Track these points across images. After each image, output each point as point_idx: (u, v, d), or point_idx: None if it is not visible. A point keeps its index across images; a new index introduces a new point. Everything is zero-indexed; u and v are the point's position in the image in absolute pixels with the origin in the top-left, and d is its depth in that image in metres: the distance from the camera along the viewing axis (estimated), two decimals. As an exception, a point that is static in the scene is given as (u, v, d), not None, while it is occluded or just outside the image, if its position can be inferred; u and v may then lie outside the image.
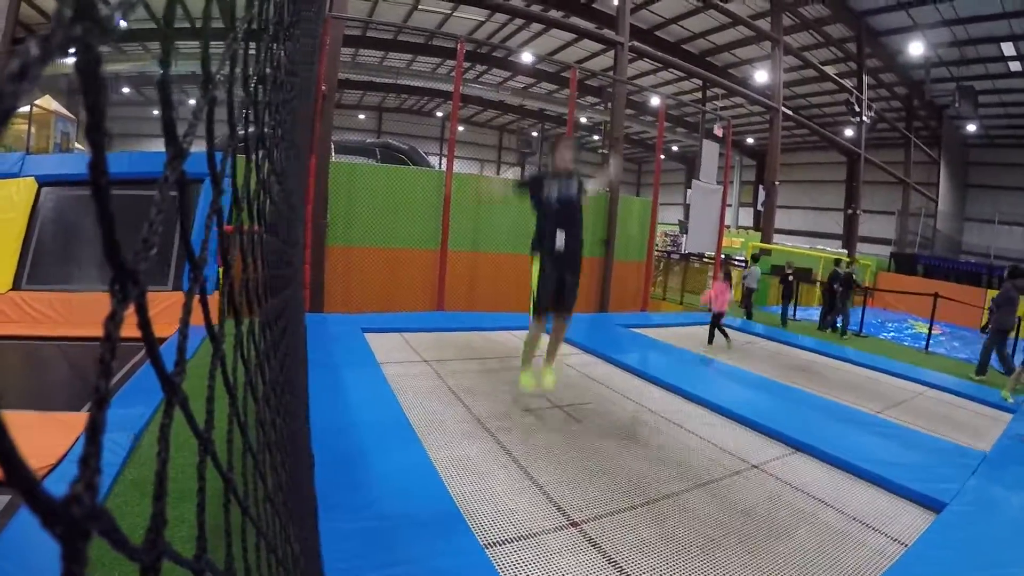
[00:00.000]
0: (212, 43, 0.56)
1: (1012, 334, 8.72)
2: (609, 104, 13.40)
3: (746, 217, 30.41)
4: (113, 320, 0.34)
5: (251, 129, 0.91)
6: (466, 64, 18.95)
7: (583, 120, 24.22)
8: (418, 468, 3.30)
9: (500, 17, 19.19)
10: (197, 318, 0.58)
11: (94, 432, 0.32)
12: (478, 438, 3.98)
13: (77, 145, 12.68)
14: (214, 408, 0.64)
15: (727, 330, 8.40)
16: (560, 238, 4.14)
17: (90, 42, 0.27)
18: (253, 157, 0.99)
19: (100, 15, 0.27)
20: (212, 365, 0.65)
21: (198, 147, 0.50)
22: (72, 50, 0.26)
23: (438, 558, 2.44)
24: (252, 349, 0.93)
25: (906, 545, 3.02)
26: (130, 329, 0.36)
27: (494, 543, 2.71)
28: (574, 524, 2.95)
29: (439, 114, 34.33)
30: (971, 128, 21.96)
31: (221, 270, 0.71)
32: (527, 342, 4.44)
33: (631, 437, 4.25)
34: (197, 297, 0.57)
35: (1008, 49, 16.55)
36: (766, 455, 4.16)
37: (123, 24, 0.30)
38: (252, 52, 0.88)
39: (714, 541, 2.90)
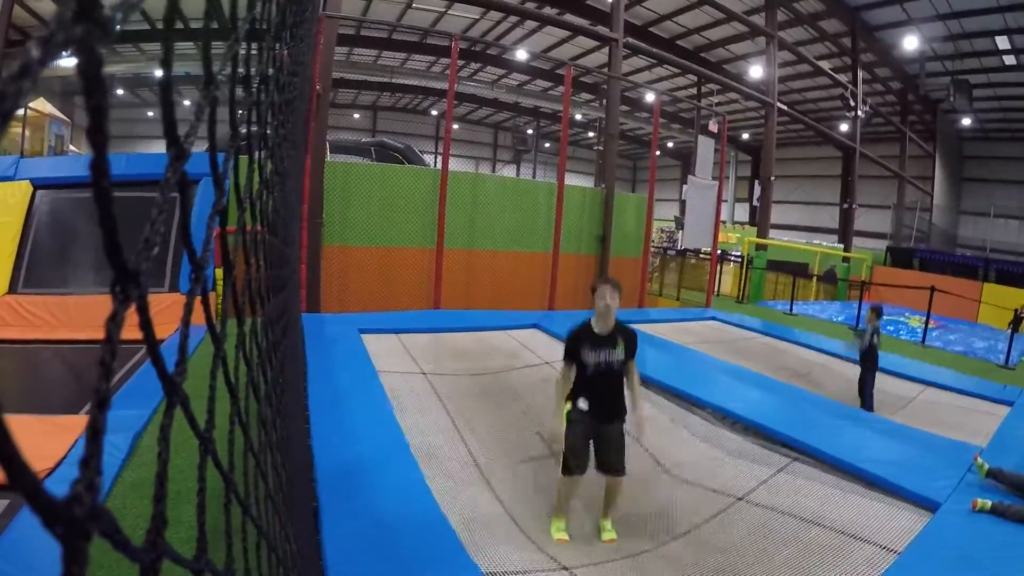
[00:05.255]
0: (212, 43, 0.56)
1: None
2: (604, 101, 13.40)
3: (742, 212, 30.42)
4: (114, 321, 0.34)
5: (253, 129, 0.90)
6: (460, 62, 18.91)
7: (578, 117, 24.21)
8: (413, 491, 3.24)
9: (494, 15, 19.14)
10: (197, 318, 0.57)
11: (95, 433, 0.32)
12: (470, 468, 3.95)
13: (72, 148, 12.63)
14: (215, 408, 0.64)
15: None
16: (586, 405, 3.57)
17: (92, 44, 0.27)
18: (255, 157, 0.98)
19: (101, 17, 0.27)
20: (213, 365, 0.65)
21: (197, 148, 0.50)
22: (72, 52, 0.26)
23: None
24: (255, 348, 0.93)
25: (896, 552, 3.03)
26: (129, 331, 0.36)
27: (490, 573, 2.71)
28: (565, 568, 2.95)
29: (434, 112, 34.28)
30: (966, 122, 22.01)
31: (219, 271, 0.71)
32: (557, 494, 3.66)
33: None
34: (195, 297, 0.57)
35: (1003, 43, 16.56)
36: (765, 468, 4.14)
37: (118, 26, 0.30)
38: (254, 53, 0.87)
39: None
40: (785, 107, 17.46)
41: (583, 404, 3.48)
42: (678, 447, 4.68)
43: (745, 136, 29.96)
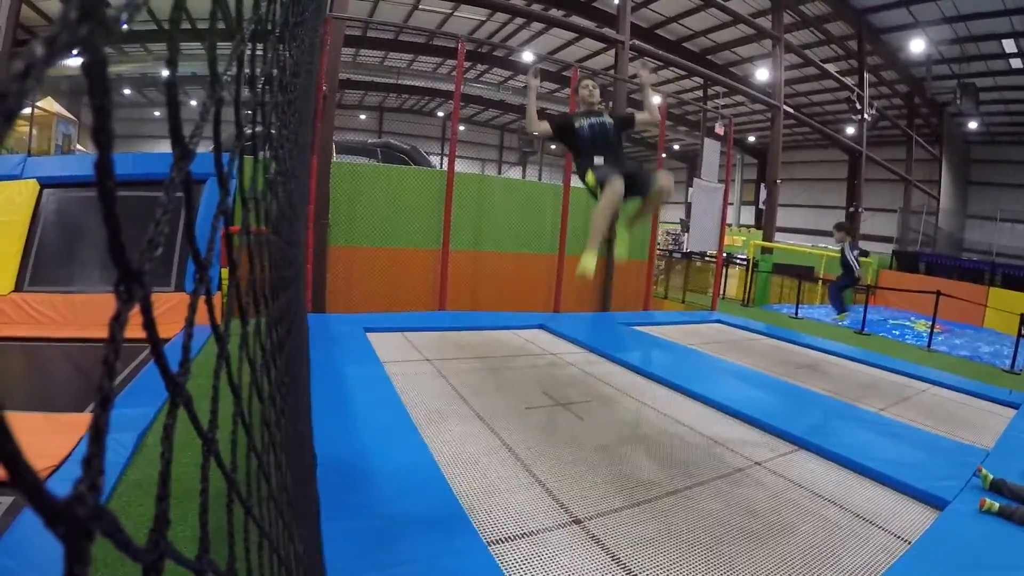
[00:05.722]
0: (217, 43, 0.55)
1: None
2: (611, 103, 13.39)
3: (748, 215, 30.37)
4: (118, 321, 0.34)
5: (258, 129, 0.90)
6: (467, 63, 18.94)
7: (584, 119, 24.17)
8: (421, 467, 3.30)
9: (501, 16, 19.19)
10: (202, 318, 0.57)
11: (97, 432, 0.32)
12: (481, 436, 3.98)
13: (79, 147, 12.69)
14: (218, 408, 0.64)
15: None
16: (600, 160, 3.84)
17: (96, 43, 0.27)
18: (259, 157, 0.99)
19: (106, 16, 0.27)
20: (217, 365, 0.65)
21: (203, 148, 0.50)
22: (77, 51, 0.26)
23: (442, 557, 2.44)
24: (258, 349, 0.93)
25: (909, 542, 3.02)
26: (134, 330, 0.36)
27: (498, 541, 2.71)
28: (577, 521, 2.95)
29: (440, 114, 34.33)
30: (972, 125, 21.91)
31: (224, 271, 0.72)
32: (596, 216, 3.58)
33: (634, 435, 4.26)
34: (201, 297, 0.57)
35: (1009, 46, 16.50)
36: (769, 452, 4.15)
37: (125, 26, 0.30)
38: (259, 53, 0.87)
39: (718, 537, 2.90)
40: (791, 110, 17.42)
41: (599, 160, 3.69)
42: (687, 414, 4.85)
43: (751, 139, 29.89)
